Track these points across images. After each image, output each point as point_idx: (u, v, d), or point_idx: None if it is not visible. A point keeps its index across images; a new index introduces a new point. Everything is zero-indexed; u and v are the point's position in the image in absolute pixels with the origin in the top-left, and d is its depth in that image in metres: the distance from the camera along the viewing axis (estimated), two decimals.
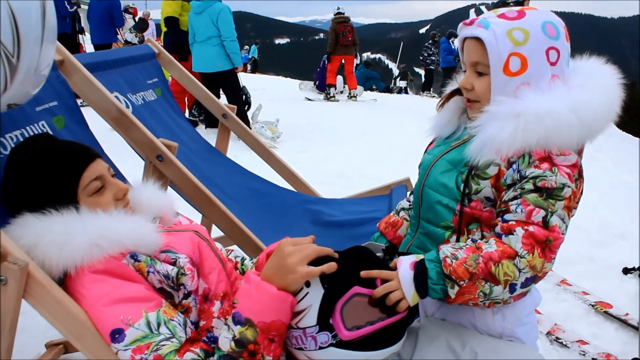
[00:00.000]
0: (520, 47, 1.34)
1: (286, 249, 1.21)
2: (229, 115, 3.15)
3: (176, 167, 2.09)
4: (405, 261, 1.36)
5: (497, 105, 1.35)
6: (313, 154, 6.41)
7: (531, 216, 1.28)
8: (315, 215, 2.78)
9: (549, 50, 1.35)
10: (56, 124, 1.79)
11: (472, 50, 1.41)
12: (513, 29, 1.34)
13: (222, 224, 2.17)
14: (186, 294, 1.31)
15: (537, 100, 1.32)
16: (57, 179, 1.31)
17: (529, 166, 1.32)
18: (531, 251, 1.27)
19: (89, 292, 1.21)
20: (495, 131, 1.32)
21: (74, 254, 1.22)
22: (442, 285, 1.31)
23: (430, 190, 1.51)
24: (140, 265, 1.28)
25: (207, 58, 6.35)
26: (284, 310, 1.19)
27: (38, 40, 1.22)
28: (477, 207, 1.41)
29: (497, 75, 1.36)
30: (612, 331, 2.91)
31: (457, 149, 1.49)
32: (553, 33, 1.36)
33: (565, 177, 1.29)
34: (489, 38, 1.35)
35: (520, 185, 1.32)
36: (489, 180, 1.38)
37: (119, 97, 2.40)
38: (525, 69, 1.35)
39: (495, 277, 1.28)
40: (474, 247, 1.32)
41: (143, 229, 1.33)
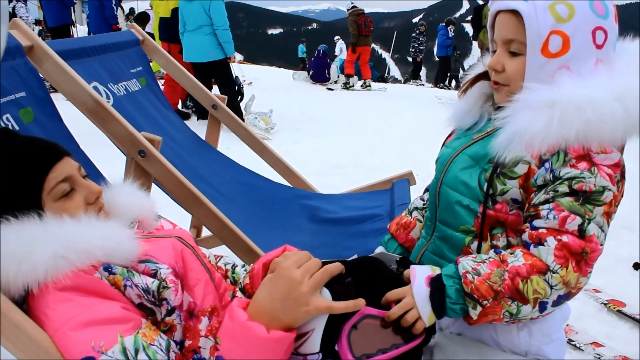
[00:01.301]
0: (564, 24, 1.16)
1: (294, 273, 1.04)
2: (219, 105, 2.97)
3: (160, 163, 1.91)
4: (419, 274, 1.20)
5: (529, 93, 1.18)
6: (307, 145, 6.28)
7: (565, 223, 1.12)
8: (312, 212, 2.63)
9: (596, 30, 1.18)
10: (23, 118, 1.62)
11: (506, 26, 1.23)
12: (557, 3, 1.17)
13: (210, 223, 2.00)
14: (169, 310, 1.13)
15: (576, 87, 1.15)
16: (17, 182, 1.13)
17: (564, 165, 1.15)
18: (565, 265, 1.10)
19: (54, 313, 1.02)
20: (526, 122, 1.15)
21: (36, 268, 1.03)
22: (463, 305, 1.16)
23: (448, 189, 1.33)
24: (116, 279, 1.09)
25: (198, 47, 6.20)
26: (279, 353, 1.02)
27: None
28: (502, 209, 1.24)
29: (533, 56, 1.19)
30: (627, 330, 2.78)
31: (480, 142, 1.31)
32: (602, 11, 1.19)
33: (606, 178, 1.13)
34: (529, 11, 1.17)
35: (554, 187, 1.15)
36: (517, 180, 1.21)
37: (98, 88, 2.22)
38: (566, 50, 1.17)
39: (523, 295, 1.12)
40: (499, 261, 1.16)
41: (117, 236, 1.14)
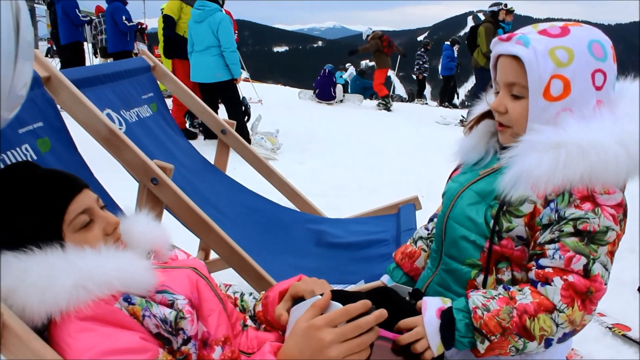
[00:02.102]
0: (564, 69, 1.20)
1: (325, 336, 1.04)
2: (228, 130, 3.03)
3: (171, 190, 1.96)
4: (431, 306, 1.24)
5: (535, 134, 1.22)
6: (311, 165, 6.35)
7: (571, 264, 1.16)
8: (318, 236, 2.67)
9: (595, 72, 1.22)
10: (41, 147, 1.66)
11: (508, 70, 1.27)
12: (556, 48, 1.21)
13: (220, 249, 2.04)
14: (185, 340, 1.17)
15: (581, 130, 1.18)
16: (39, 215, 1.18)
17: (569, 205, 1.19)
18: (571, 305, 1.14)
19: (75, 342, 1.06)
20: (532, 163, 1.19)
21: (58, 298, 1.08)
22: (471, 339, 1.20)
23: (455, 224, 1.37)
24: (135, 309, 1.13)
25: (205, 68, 6.25)
26: None
27: (11, 58, 1.09)
28: (507, 245, 1.28)
29: (536, 99, 1.23)
30: (632, 355, 2.79)
31: (486, 179, 1.36)
32: (600, 54, 1.23)
33: (609, 219, 1.17)
34: (529, 57, 1.21)
35: (559, 227, 1.18)
36: (523, 218, 1.25)
37: (111, 115, 2.27)
38: (567, 94, 1.21)
39: (530, 332, 1.16)
40: (508, 298, 1.20)
41: (135, 267, 1.19)
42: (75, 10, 8.86)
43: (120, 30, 8.73)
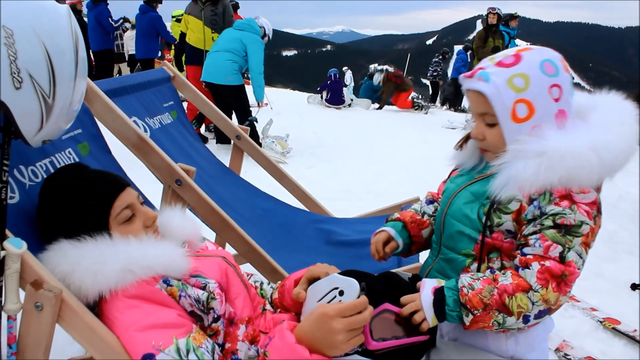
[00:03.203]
0: (523, 93, 1.38)
1: (336, 325, 1.23)
2: (242, 136, 3.23)
3: (194, 191, 2.16)
4: (427, 285, 1.44)
5: (521, 144, 1.39)
6: (320, 170, 6.50)
7: (548, 251, 1.34)
8: (327, 235, 2.85)
9: (551, 88, 1.39)
10: (81, 151, 1.86)
11: (477, 103, 1.45)
12: (513, 77, 1.38)
13: (239, 246, 2.23)
14: (215, 318, 1.37)
15: (560, 139, 1.36)
16: (90, 209, 1.38)
17: (549, 203, 1.37)
18: (545, 285, 1.32)
19: (123, 316, 1.26)
20: (519, 169, 1.36)
21: (108, 279, 1.28)
22: (459, 313, 1.39)
23: (452, 220, 1.56)
24: (173, 290, 1.33)
25: (218, 69, 6.40)
26: None
27: (72, 78, 1.29)
28: (498, 238, 1.46)
29: (507, 124, 1.41)
30: (621, 347, 2.94)
31: (481, 182, 1.54)
32: (552, 70, 1.40)
33: (584, 214, 1.35)
34: (491, 91, 1.39)
35: (540, 221, 1.37)
36: (511, 214, 1.43)
37: (137, 122, 2.47)
38: (533, 113, 1.39)
39: (508, 308, 1.35)
40: (491, 279, 1.39)
41: (172, 253, 1.39)
42: (107, 18, 9.27)
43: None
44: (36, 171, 1.59)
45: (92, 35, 9.45)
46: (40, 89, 1.20)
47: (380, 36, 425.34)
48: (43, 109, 1.23)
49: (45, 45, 1.19)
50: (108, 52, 9.66)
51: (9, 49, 1.13)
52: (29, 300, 1.24)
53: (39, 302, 1.22)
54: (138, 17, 8.88)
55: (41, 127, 1.26)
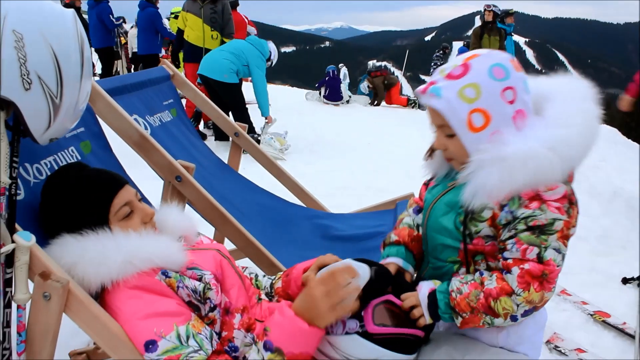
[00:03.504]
0: (476, 103, 1.37)
1: (317, 292, 1.32)
2: (241, 133, 3.30)
3: (194, 187, 2.22)
4: (424, 287, 1.51)
5: (481, 154, 1.39)
6: (319, 167, 6.54)
7: (526, 254, 1.37)
8: (324, 230, 2.91)
9: (504, 91, 1.38)
10: (84, 149, 1.93)
11: (434, 117, 1.46)
12: (463, 88, 1.38)
13: (237, 240, 2.30)
14: (212, 307, 1.44)
15: (517, 144, 1.36)
16: (90, 206, 1.45)
17: (519, 207, 1.38)
18: (527, 288, 1.36)
19: (125, 307, 1.34)
20: (484, 179, 1.37)
21: (110, 271, 1.35)
22: (450, 314, 1.45)
23: (433, 233, 1.59)
24: (171, 281, 1.40)
25: (215, 65, 6.48)
26: (311, 344, 1.33)
27: (78, 79, 1.35)
28: (479, 243, 1.48)
29: (465, 135, 1.41)
30: (610, 340, 3.01)
31: (453, 191, 1.55)
32: (501, 74, 1.38)
33: (555, 211, 1.36)
34: (444, 107, 1.39)
35: (514, 226, 1.39)
36: (486, 222, 1.45)
37: (138, 120, 2.54)
38: (489, 120, 1.38)
39: (494, 311, 1.40)
40: (478, 283, 1.43)
41: (170, 247, 1.47)
42: (109, 15, 9.34)
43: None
44: (40, 169, 1.66)
45: (93, 33, 9.51)
46: (48, 90, 1.27)
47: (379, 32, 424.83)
48: (51, 109, 1.30)
49: (52, 48, 1.26)
50: (109, 49, 9.72)
51: (19, 52, 1.20)
52: (37, 290, 1.30)
53: (47, 292, 1.29)
54: (138, 13, 8.93)
55: (49, 126, 1.32)
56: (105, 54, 9.68)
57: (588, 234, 4.45)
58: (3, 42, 1.18)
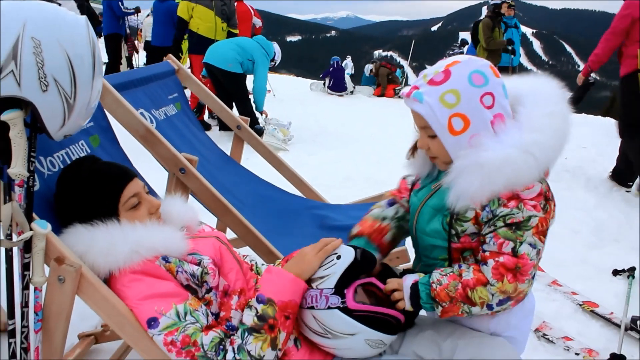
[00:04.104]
0: (456, 108, 1.46)
1: (306, 248, 1.58)
2: (243, 126, 3.41)
3: (197, 179, 2.34)
4: (409, 278, 1.62)
5: (461, 160, 1.48)
6: (321, 157, 6.63)
7: (502, 248, 1.48)
8: (321, 220, 3.01)
9: (483, 97, 1.46)
10: (93, 143, 2.04)
11: (417, 119, 1.56)
12: (444, 94, 1.46)
13: (237, 229, 2.42)
14: (208, 290, 1.57)
15: (495, 149, 1.44)
16: (101, 197, 1.58)
17: (499, 207, 1.47)
18: (500, 279, 1.47)
19: (129, 289, 1.47)
20: (466, 184, 1.46)
21: (118, 259, 1.48)
22: (431, 304, 1.56)
23: (423, 235, 1.69)
24: (170, 266, 1.54)
25: (220, 53, 6.61)
26: (298, 293, 1.50)
27: (90, 80, 1.47)
28: (466, 241, 1.58)
29: (445, 137, 1.49)
30: (598, 329, 3.09)
31: (438, 194, 1.64)
32: (480, 81, 1.47)
33: (531, 209, 1.46)
34: (426, 111, 1.48)
35: (493, 223, 1.49)
36: (470, 221, 1.54)
37: (144, 114, 2.64)
38: (468, 124, 1.47)
39: (471, 300, 1.51)
40: (456, 275, 1.54)
41: (173, 236, 1.60)
42: (118, 2, 9.57)
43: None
44: (54, 161, 1.77)
45: (104, 20, 9.81)
46: (63, 92, 1.38)
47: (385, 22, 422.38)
48: (65, 109, 1.42)
49: (67, 53, 1.37)
50: (116, 36, 9.91)
51: (37, 57, 1.31)
52: (52, 274, 1.43)
53: (62, 276, 1.41)
54: (156, 4, 8.94)
55: (63, 123, 1.44)
56: (111, 40, 9.87)
57: (581, 227, 4.54)
58: (23, 47, 1.29)
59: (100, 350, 2.57)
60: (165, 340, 1.39)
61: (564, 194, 5.44)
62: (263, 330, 1.44)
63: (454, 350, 1.58)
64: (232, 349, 1.42)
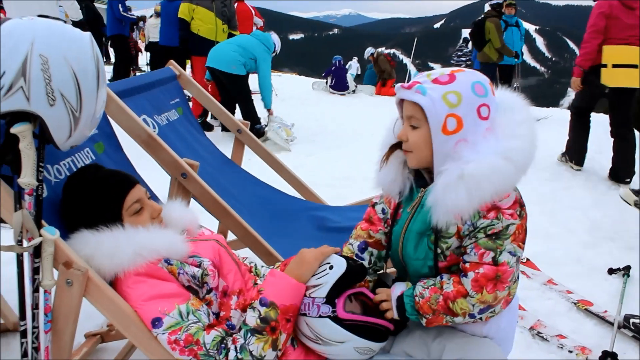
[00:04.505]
0: (455, 109, 1.51)
1: (305, 251, 1.65)
2: (243, 130, 3.49)
3: (198, 183, 2.42)
4: (397, 288, 1.69)
5: (444, 176, 1.52)
6: (320, 157, 6.70)
7: (483, 258, 1.53)
8: (319, 222, 3.08)
9: (480, 107, 1.53)
10: (97, 150, 2.12)
11: (409, 108, 1.58)
12: (447, 93, 1.51)
13: (237, 231, 2.50)
14: (208, 290, 1.66)
15: (477, 160, 1.49)
16: (105, 203, 1.66)
17: (479, 219, 1.53)
18: (479, 291, 1.52)
19: (133, 290, 1.55)
20: (454, 201, 1.50)
21: (122, 262, 1.56)
22: (416, 315, 1.63)
23: (411, 261, 1.71)
24: (172, 268, 1.62)
25: (223, 56, 6.68)
26: (299, 297, 1.58)
27: (94, 92, 1.55)
28: (452, 258, 1.63)
29: (437, 135, 1.52)
30: (591, 327, 3.15)
31: (418, 218, 1.67)
32: (482, 91, 1.54)
33: (509, 218, 1.52)
34: (427, 104, 1.51)
35: (475, 234, 1.54)
36: (453, 236, 1.59)
37: (147, 120, 2.72)
38: (461, 127, 1.51)
39: (453, 311, 1.57)
40: (437, 288, 1.60)
41: (174, 240, 1.68)
42: (118, 4, 9.87)
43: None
44: (60, 169, 1.84)
45: (107, 22, 10.15)
46: (69, 105, 1.46)
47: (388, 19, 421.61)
48: (72, 121, 1.49)
49: (73, 69, 1.45)
50: (120, 37, 10.17)
51: (45, 73, 1.39)
52: (61, 277, 1.50)
53: (70, 279, 1.49)
54: (164, 5, 9.01)
55: (70, 135, 1.52)
56: (115, 41, 10.17)
57: (577, 226, 4.61)
58: (32, 65, 1.37)
59: (106, 349, 2.65)
60: (169, 339, 1.47)
61: (562, 194, 5.50)
62: (265, 331, 1.52)
63: (442, 351, 1.64)
64: (234, 348, 1.50)
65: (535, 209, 4.99)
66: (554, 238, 4.38)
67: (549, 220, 4.76)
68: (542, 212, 4.88)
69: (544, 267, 3.80)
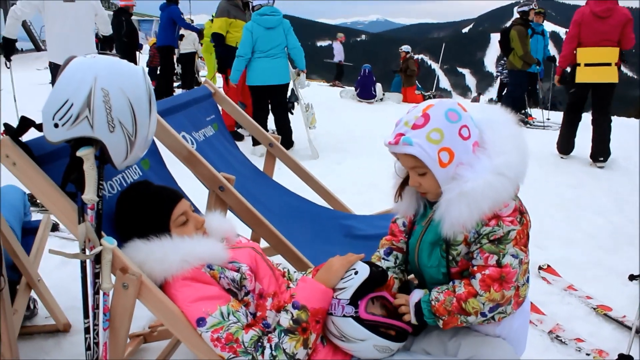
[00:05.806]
0: (441, 143, 1.66)
1: (333, 259, 1.83)
2: (275, 144, 3.69)
3: (234, 196, 2.62)
4: (415, 295, 1.86)
5: (447, 194, 1.68)
6: (349, 165, 6.84)
7: (488, 261, 1.70)
8: (347, 230, 3.24)
9: (460, 130, 1.69)
10: (144, 166, 2.33)
11: (407, 161, 1.74)
12: (429, 133, 1.66)
13: (270, 240, 2.69)
14: (246, 293, 1.85)
15: (474, 179, 1.65)
16: (155, 216, 1.88)
17: (482, 227, 1.69)
18: (487, 290, 1.69)
19: (179, 293, 1.75)
20: (457, 214, 1.66)
21: (171, 267, 1.77)
22: (434, 318, 1.80)
23: (427, 269, 1.89)
24: (214, 273, 1.81)
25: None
26: (327, 301, 1.77)
27: (147, 119, 1.75)
28: (463, 263, 1.80)
29: (437, 171, 1.68)
30: (609, 331, 3.22)
31: (430, 230, 1.86)
32: (455, 117, 1.69)
33: (509, 225, 1.68)
34: (418, 151, 1.66)
35: (479, 240, 1.70)
36: (462, 243, 1.76)
37: (186, 136, 2.92)
38: (454, 155, 1.68)
39: (466, 311, 1.73)
40: (450, 291, 1.77)
41: (215, 248, 1.88)
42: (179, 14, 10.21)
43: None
44: (113, 185, 2.06)
45: (159, 32, 10.58)
46: (126, 131, 1.68)
47: (415, 25, 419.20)
48: (128, 144, 1.71)
49: (129, 99, 1.66)
50: (169, 48, 10.49)
51: (106, 104, 1.61)
52: (118, 281, 1.71)
53: (126, 283, 1.70)
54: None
55: (127, 157, 1.74)
56: (165, 51, 10.48)
57: (599, 232, 4.68)
58: (95, 97, 1.59)
59: (148, 349, 2.86)
60: (212, 337, 1.67)
61: (584, 202, 5.57)
62: (297, 332, 1.71)
63: (458, 349, 1.81)
64: (269, 346, 1.69)
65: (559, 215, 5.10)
66: (575, 243, 4.46)
67: (570, 225, 4.85)
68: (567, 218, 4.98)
69: (565, 272, 3.88)
